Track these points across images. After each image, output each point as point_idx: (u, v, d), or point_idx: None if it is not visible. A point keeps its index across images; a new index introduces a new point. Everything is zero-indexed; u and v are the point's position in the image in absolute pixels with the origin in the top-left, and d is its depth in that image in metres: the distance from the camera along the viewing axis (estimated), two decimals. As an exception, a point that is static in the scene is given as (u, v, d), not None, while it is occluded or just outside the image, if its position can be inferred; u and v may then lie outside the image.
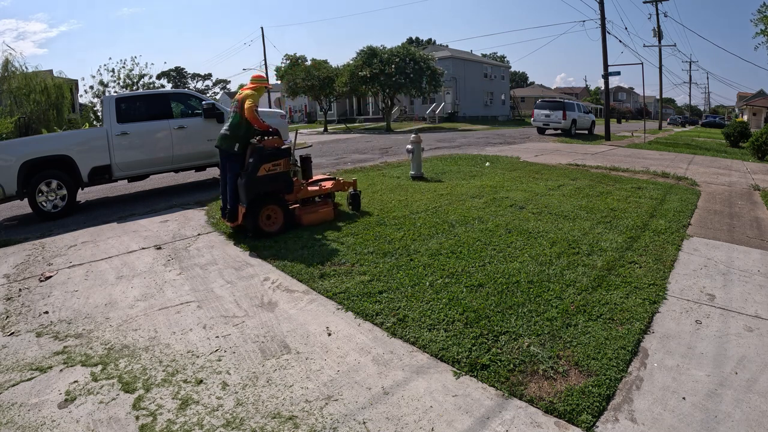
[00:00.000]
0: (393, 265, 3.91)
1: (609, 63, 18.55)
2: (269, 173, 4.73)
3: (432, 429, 2.11)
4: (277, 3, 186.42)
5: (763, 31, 16.89)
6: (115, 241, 5.03)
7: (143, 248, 4.73)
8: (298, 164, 5.28)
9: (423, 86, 27.40)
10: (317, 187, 5.50)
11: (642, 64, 36.25)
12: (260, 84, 4.96)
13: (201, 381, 2.49)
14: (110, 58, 56.57)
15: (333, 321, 3.10)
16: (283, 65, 30.35)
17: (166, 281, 3.86)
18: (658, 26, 30.56)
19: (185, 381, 2.49)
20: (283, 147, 4.87)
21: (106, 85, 25.11)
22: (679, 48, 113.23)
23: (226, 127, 4.86)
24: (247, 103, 4.68)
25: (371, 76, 25.92)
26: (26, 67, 18.38)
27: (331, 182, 5.66)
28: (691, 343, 2.83)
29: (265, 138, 4.86)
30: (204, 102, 7.66)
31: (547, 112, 20.08)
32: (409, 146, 7.99)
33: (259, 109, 4.97)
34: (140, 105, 7.37)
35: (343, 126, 34.12)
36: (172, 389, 2.42)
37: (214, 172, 9.70)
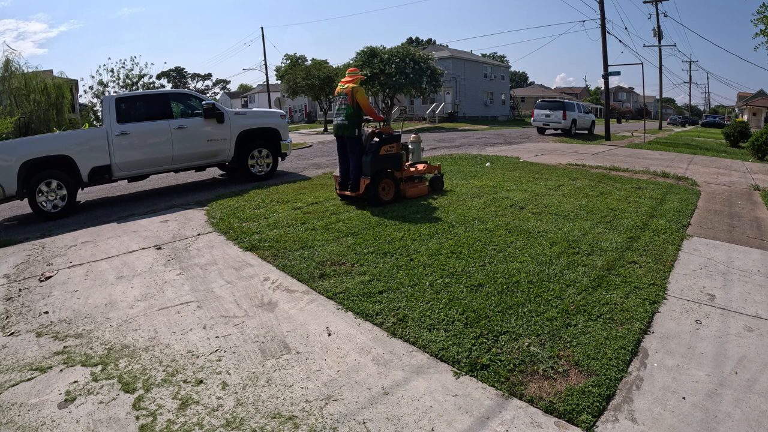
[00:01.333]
0: (393, 265, 3.91)
1: (609, 63, 18.56)
2: (387, 153, 5.92)
3: (432, 429, 2.11)
4: (277, 3, 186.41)
5: (763, 32, 16.86)
6: (115, 241, 5.04)
7: (143, 248, 4.73)
8: (405, 148, 6.54)
9: (423, 86, 27.38)
10: (414, 168, 6.72)
11: (642, 64, 36.28)
12: (358, 76, 6.01)
13: (201, 381, 2.49)
14: (110, 58, 56.41)
15: (333, 321, 3.11)
16: (283, 65, 30.33)
17: (166, 281, 3.86)
18: (658, 26, 30.57)
19: (185, 381, 2.49)
20: (395, 134, 6.10)
21: (105, 86, 25.09)
22: (679, 48, 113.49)
23: (341, 118, 5.86)
24: (363, 100, 5.78)
25: (371, 76, 25.91)
26: (27, 68, 18.38)
27: (424, 165, 6.94)
28: (691, 343, 2.83)
29: (381, 125, 6.16)
30: (204, 102, 7.66)
31: (547, 112, 20.07)
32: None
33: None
34: (140, 105, 7.37)
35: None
36: (172, 389, 2.42)
37: (213, 172, 9.70)
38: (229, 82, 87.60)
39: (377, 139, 5.87)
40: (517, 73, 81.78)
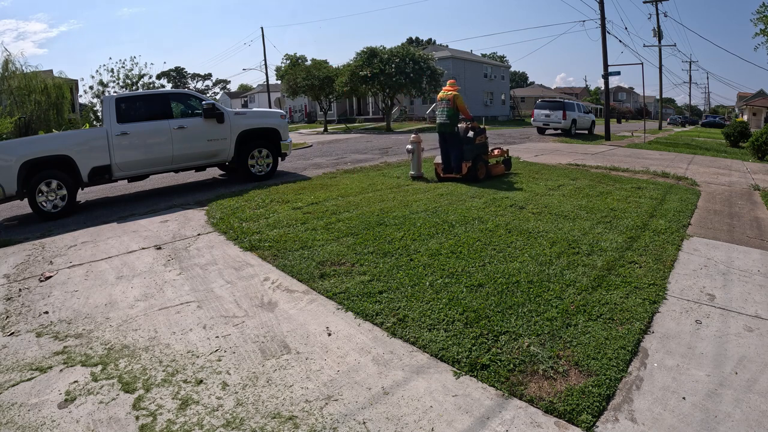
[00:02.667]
0: (393, 265, 3.91)
1: (609, 63, 18.55)
2: (480, 142, 7.84)
3: (432, 429, 2.11)
4: (277, 3, 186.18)
5: (763, 31, 16.88)
6: (115, 241, 5.03)
7: (143, 248, 4.73)
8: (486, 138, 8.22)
9: (423, 86, 27.36)
10: (493, 153, 8.68)
11: (642, 64, 36.32)
12: (456, 87, 7.70)
13: (201, 381, 2.49)
14: (110, 58, 56.60)
15: (333, 321, 3.11)
16: (283, 65, 30.29)
17: (166, 281, 3.86)
18: (658, 26, 30.57)
19: (185, 381, 2.49)
20: (482, 127, 8.02)
21: (105, 85, 25.09)
22: (679, 48, 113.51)
23: (444, 117, 7.50)
24: (461, 105, 7.47)
25: (371, 76, 25.89)
26: (27, 68, 18.39)
27: (499, 150, 8.88)
28: (691, 343, 2.83)
29: (472, 122, 7.81)
30: (204, 102, 7.66)
31: (547, 112, 20.06)
32: (409, 146, 7.99)
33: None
34: (140, 105, 7.36)
35: (343, 126, 34.11)
36: (172, 389, 2.42)
37: (213, 172, 9.70)
38: (229, 82, 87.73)
39: (472, 132, 7.58)
40: (517, 73, 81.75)
